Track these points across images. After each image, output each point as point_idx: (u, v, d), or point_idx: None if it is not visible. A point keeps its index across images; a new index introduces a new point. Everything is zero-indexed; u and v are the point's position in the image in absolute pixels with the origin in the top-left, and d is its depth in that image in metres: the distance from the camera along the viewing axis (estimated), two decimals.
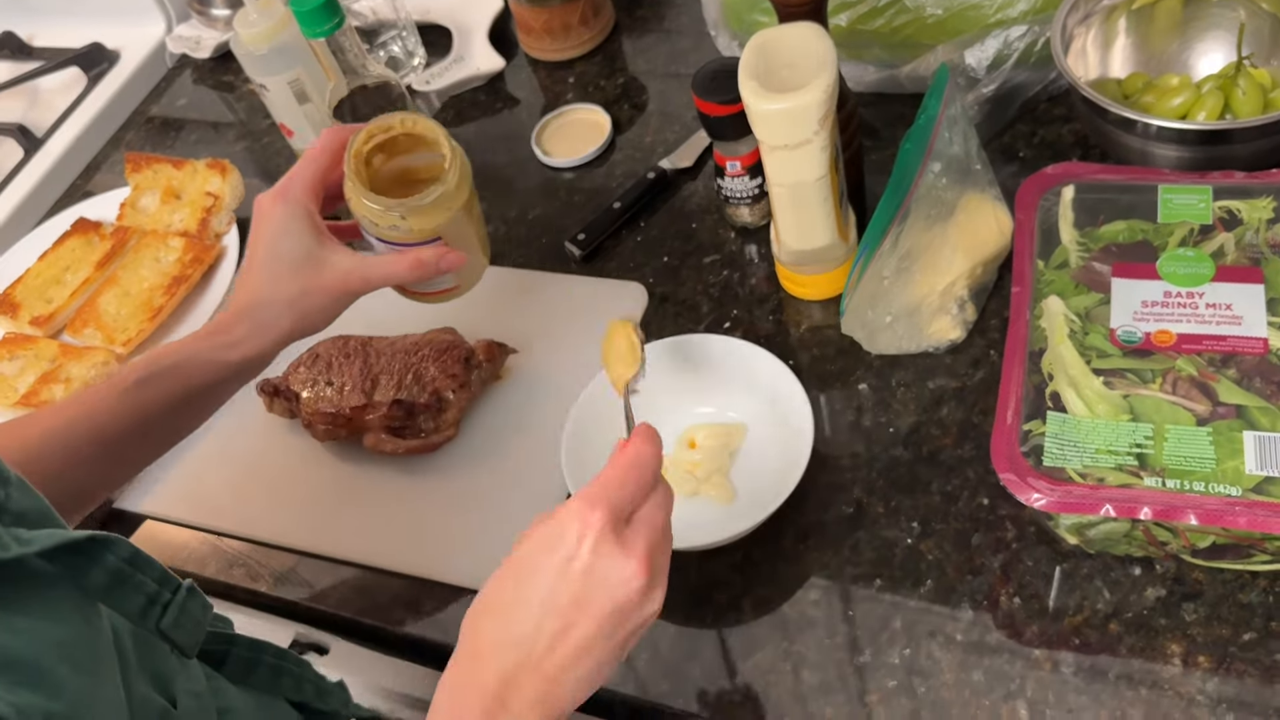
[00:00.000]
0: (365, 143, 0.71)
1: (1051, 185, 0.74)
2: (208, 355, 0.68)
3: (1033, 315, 0.68)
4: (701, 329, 0.86)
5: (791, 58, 0.71)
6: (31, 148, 1.20)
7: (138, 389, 0.67)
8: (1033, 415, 0.64)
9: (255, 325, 0.68)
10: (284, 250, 0.68)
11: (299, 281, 0.68)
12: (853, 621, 0.68)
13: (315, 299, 0.69)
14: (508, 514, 0.78)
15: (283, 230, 0.68)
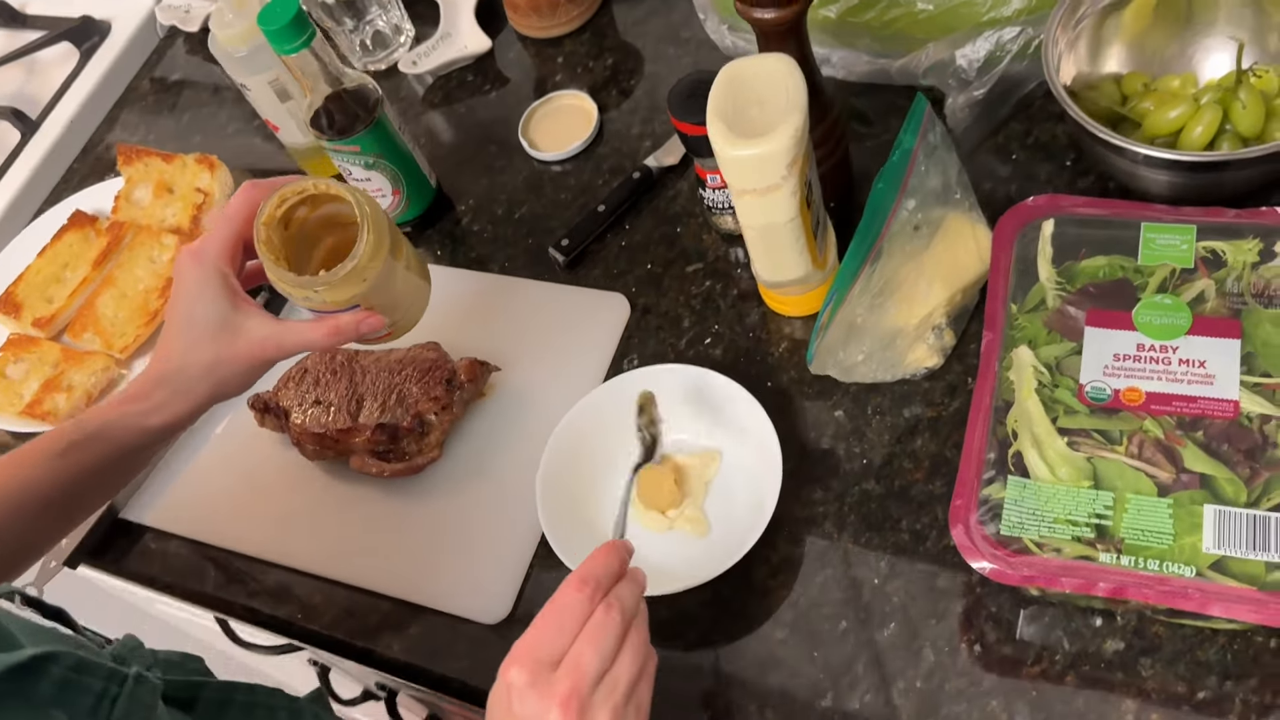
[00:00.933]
0: (278, 207, 0.68)
1: (1031, 219, 0.72)
2: (129, 421, 0.69)
3: (1001, 366, 0.67)
4: (682, 344, 0.86)
5: (762, 93, 0.69)
6: (28, 131, 1.20)
7: (65, 455, 0.68)
8: (995, 476, 0.63)
9: (172, 392, 0.69)
10: (198, 316, 0.67)
11: (214, 349, 0.68)
12: (817, 663, 0.70)
13: (230, 367, 0.69)
14: (492, 537, 0.80)
15: (197, 295, 0.67)
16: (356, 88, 0.89)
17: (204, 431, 0.92)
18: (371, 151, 0.90)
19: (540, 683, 0.53)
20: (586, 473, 0.78)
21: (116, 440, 0.69)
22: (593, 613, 0.56)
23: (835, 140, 0.84)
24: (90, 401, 0.96)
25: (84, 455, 0.69)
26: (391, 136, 0.91)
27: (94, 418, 0.69)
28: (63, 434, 0.69)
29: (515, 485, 0.82)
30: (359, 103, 0.89)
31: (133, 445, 0.69)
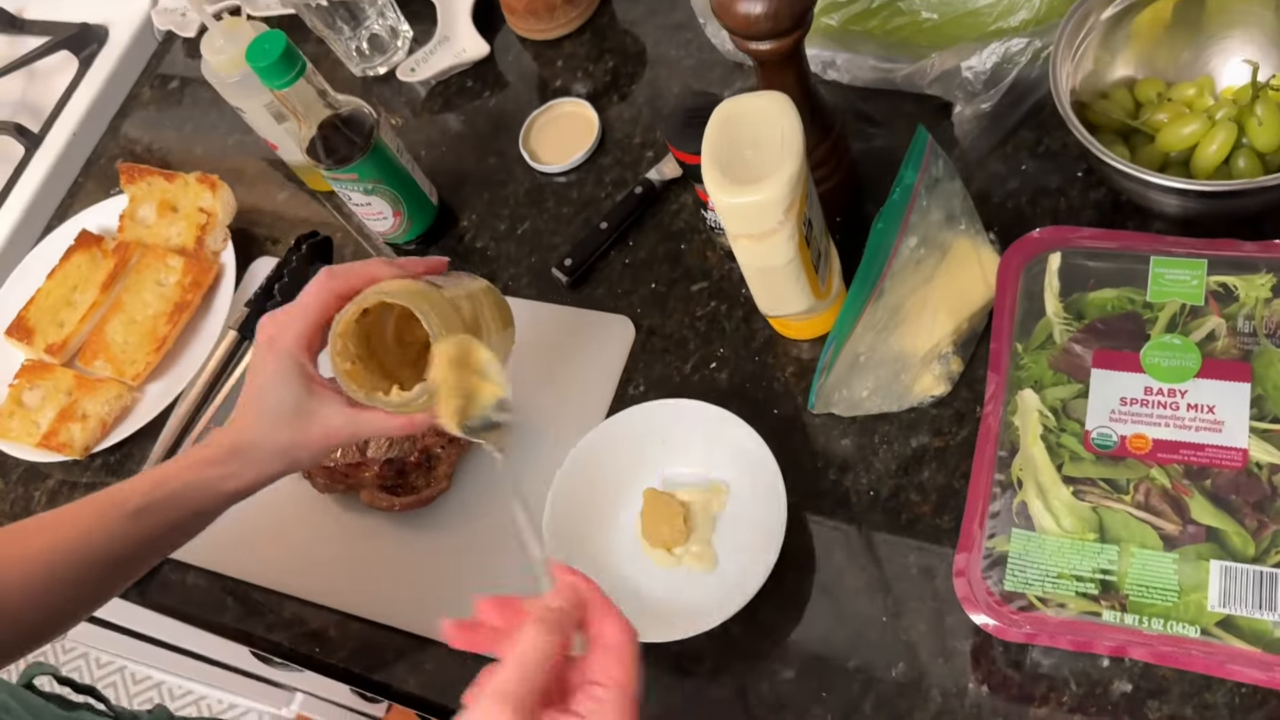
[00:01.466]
0: (347, 326, 0.66)
1: (1037, 252, 0.70)
2: (205, 486, 0.69)
3: (1006, 411, 0.66)
4: (688, 368, 0.85)
5: (756, 135, 0.67)
6: (31, 145, 1.19)
7: (137, 517, 0.69)
8: (999, 528, 0.63)
9: (246, 463, 0.69)
10: (272, 403, 0.68)
11: (289, 434, 0.68)
12: (826, 703, 0.70)
13: (304, 450, 0.69)
14: (503, 568, 0.81)
15: (272, 382, 0.67)
16: (351, 113, 0.88)
17: None
18: (370, 177, 0.89)
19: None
20: (594, 508, 0.78)
21: (189, 504, 0.70)
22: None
23: (838, 158, 0.82)
24: (105, 430, 0.97)
25: (156, 517, 0.69)
26: (390, 160, 0.90)
27: (165, 480, 0.69)
28: (135, 492, 0.69)
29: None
30: (355, 129, 0.88)
31: (205, 508, 0.70)
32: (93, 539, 0.69)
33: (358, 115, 0.88)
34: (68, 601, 0.70)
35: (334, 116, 0.87)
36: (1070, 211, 0.81)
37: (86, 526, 0.69)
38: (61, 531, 0.70)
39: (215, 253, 1.04)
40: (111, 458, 0.98)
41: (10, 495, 1.00)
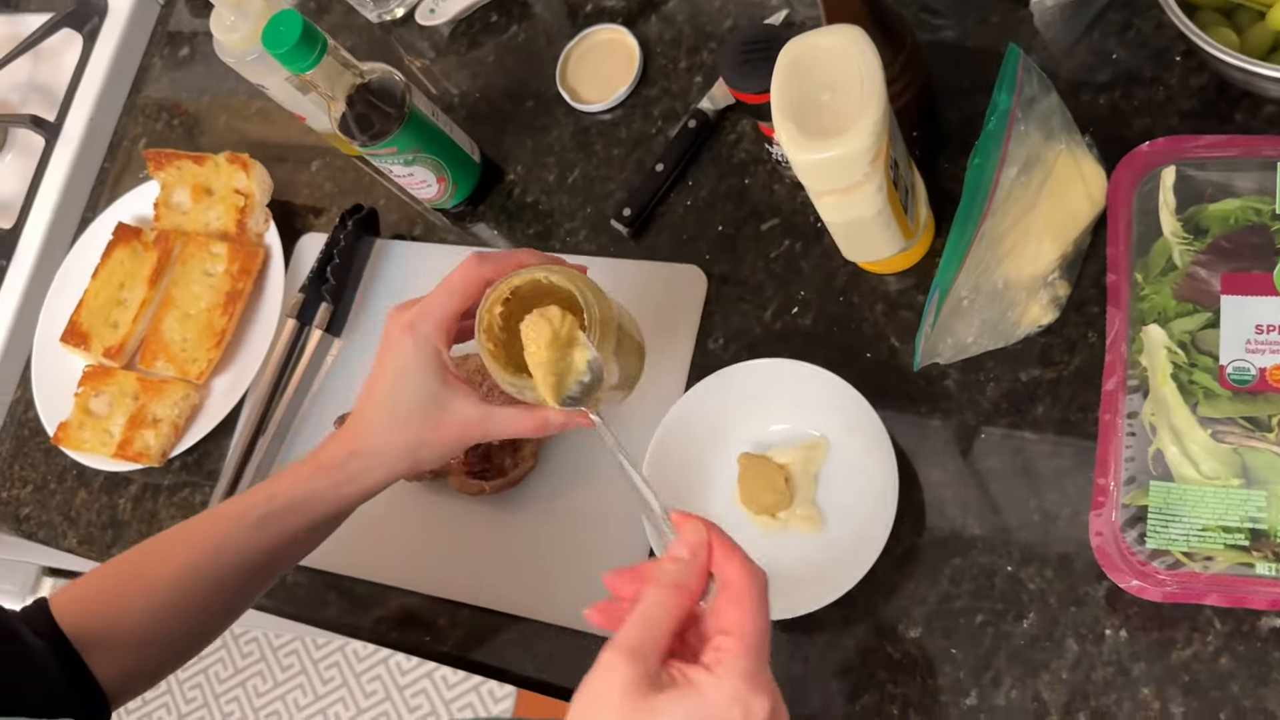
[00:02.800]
0: (496, 303, 0.65)
1: (1148, 169, 0.64)
2: (325, 494, 0.68)
3: (1131, 350, 0.61)
4: (768, 315, 0.81)
5: (831, 78, 0.61)
6: (50, 136, 1.15)
7: (259, 528, 0.69)
8: (1134, 482, 0.59)
9: (369, 465, 0.67)
10: (405, 395, 0.64)
11: (418, 431, 0.65)
12: (956, 660, 0.68)
13: (431, 449, 0.66)
14: (600, 543, 0.79)
15: (409, 370, 0.64)
16: (380, 81, 0.82)
17: (301, 454, 0.92)
18: (409, 148, 0.84)
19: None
20: (689, 482, 0.76)
21: (311, 511, 0.69)
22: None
23: (911, 73, 0.75)
24: (178, 433, 0.96)
25: (278, 527, 0.69)
26: (426, 126, 0.85)
27: (285, 490, 0.68)
28: (254, 506, 0.69)
29: (616, 484, 0.79)
30: (386, 99, 0.82)
31: (327, 515, 0.69)
32: (220, 556, 0.69)
33: (387, 83, 0.82)
34: (204, 617, 0.71)
35: (362, 87, 0.82)
36: (1169, 102, 0.74)
37: (210, 544, 0.70)
38: (188, 551, 0.70)
39: (259, 235, 1.00)
40: (190, 458, 0.97)
41: (95, 505, 1.00)
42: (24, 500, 1.03)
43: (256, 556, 0.69)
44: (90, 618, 0.69)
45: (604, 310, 0.64)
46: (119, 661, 0.70)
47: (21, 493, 1.03)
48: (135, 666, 0.71)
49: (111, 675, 0.69)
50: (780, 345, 0.79)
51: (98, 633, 0.69)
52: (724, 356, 0.81)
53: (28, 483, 1.04)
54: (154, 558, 0.72)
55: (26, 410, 1.07)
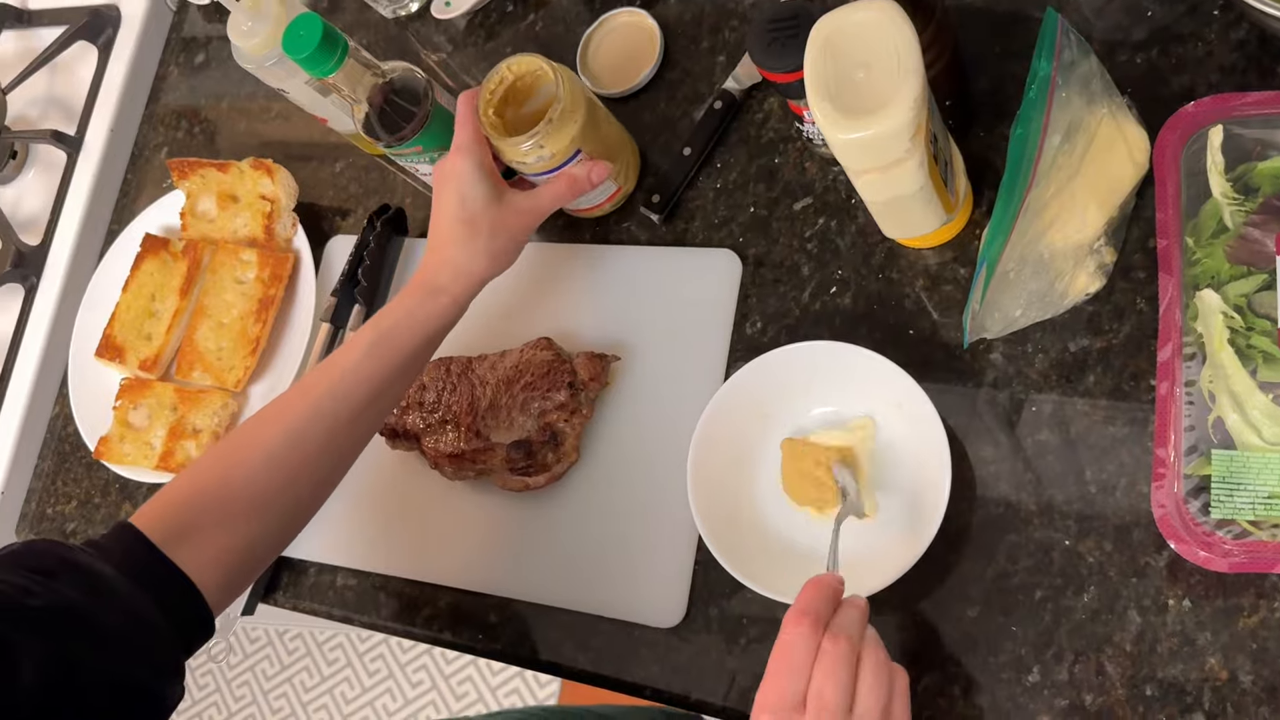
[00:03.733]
0: (488, 101, 0.79)
1: (1194, 130, 0.63)
2: (421, 308, 0.74)
3: (1186, 316, 0.60)
4: (806, 296, 0.80)
5: (866, 54, 0.60)
6: (72, 150, 1.15)
7: (371, 353, 0.72)
8: (1195, 449, 0.58)
9: (455, 271, 0.75)
10: (472, 198, 0.75)
11: (488, 223, 0.75)
12: (1016, 637, 0.68)
13: (502, 239, 0.76)
14: (648, 535, 0.79)
15: (470, 180, 0.75)
16: (402, 80, 0.82)
17: None
18: (435, 146, 0.83)
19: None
20: (735, 474, 0.75)
21: (415, 327, 0.74)
22: (820, 645, 0.56)
23: (943, 41, 0.74)
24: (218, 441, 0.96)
25: (387, 348, 0.73)
26: (450, 124, 0.83)
27: (388, 314, 0.74)
28: (362, 335, 0.74)
29: (662, 473, 0.79)
30: (408, 97, 0.81)
31: (429, 330, 0.75)
32: (335, 391, 0.72)
33: (409, 82, 0.82)
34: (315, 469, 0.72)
35: (384, 87, 0.81)
36: (1209, 58, 0.72)
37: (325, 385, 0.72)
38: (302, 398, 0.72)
39: (287, 239, 0.99)
40: None
41: None
42: (69, 515, 1.04)
43: (370, 383, 0.72)
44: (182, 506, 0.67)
45: (576, 92, 0.78)
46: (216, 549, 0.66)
47: (66, 508, 1.04)
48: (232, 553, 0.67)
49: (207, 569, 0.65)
50: (820, 326, 0.79)
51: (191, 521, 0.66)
52: (763, 340, 0.80)
53: (72, 498, 1.04)
54: (258, 425, 0.72)
55: (66, 425, 1.07)
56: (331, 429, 0.71)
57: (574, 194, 0.80)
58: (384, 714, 2.12)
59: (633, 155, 0.87)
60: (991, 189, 0.76)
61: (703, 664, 0.75)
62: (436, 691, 2.10)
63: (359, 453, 0.76)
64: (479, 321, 0.89)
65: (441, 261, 0.76)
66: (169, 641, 0.63)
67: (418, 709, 2.10)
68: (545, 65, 0.79)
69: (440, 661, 2.11)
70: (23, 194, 1.19)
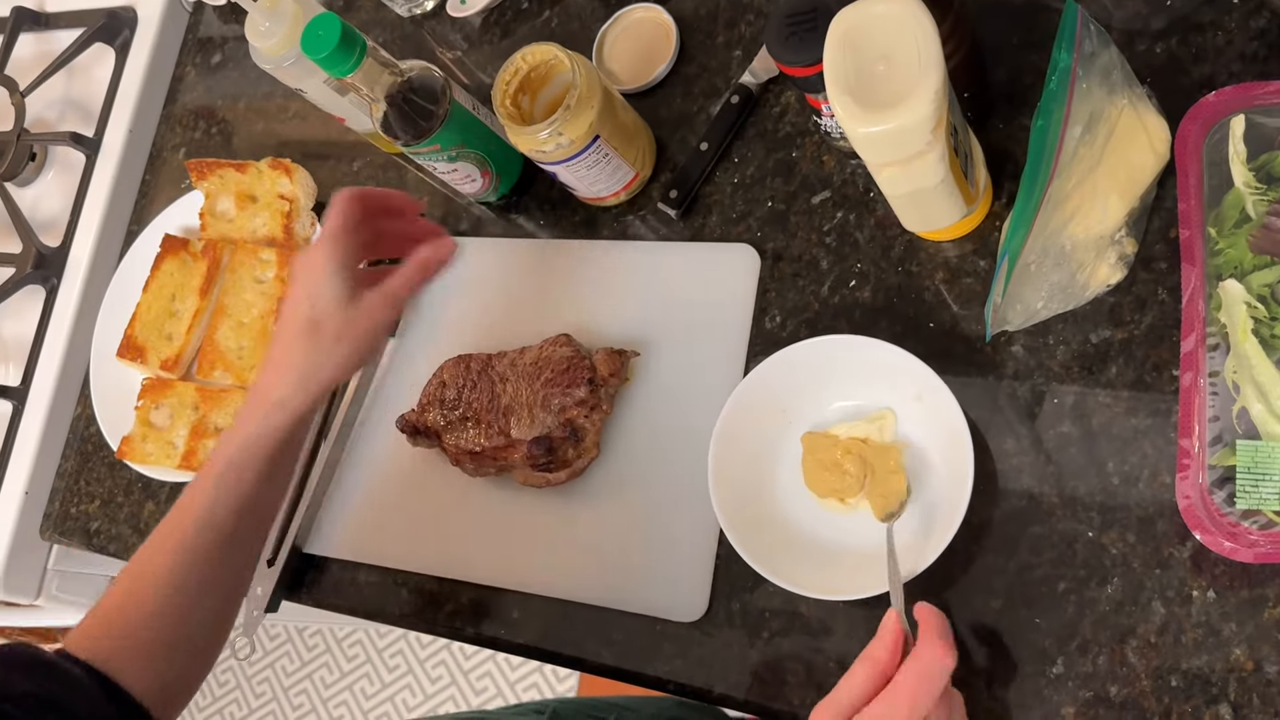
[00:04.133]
0: (505, 92, 0.81)
1: (1216, 119, 0.62)
2: (262, 429, 0.71)
3: (1209, 307, 0.60)
4: (825, 289, 0.80)
5: (885, 47, 0.60)
6: (90, 152, 1.15)
7: (220, 487, 0.71)
8: (1219, 439, 0.58)
9: (298, 382, 0.72)
10: (323, 299, 0.71)
11: (334, 329, 0.71)
12: (1040, 630, 0.68)
13: (347, 347, 0.72)
14: (669, 529, 0.79)
15: (323, 277, 0.71)
16: (420, 78, 0.82)
17: (364, 456, 0.92)
18: (453, 144, 0.83)
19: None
20: (756, 470, 0.75)
21: (255, 455, 0.72)
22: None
23: (961, 32, 0.73)
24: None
25: (234, 479, 0.71)
26: (468, 121, 0.84)
27: (230, 443, 0.72)
28: (210, 469, 0.72)
29: (683, 468, 0.79)
30: (426, 96, 0.82)
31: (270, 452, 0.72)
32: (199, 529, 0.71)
33: (427, 81, 0.82)
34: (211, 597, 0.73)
35: (403, 86, 0.81)
36: (1229, 46, 0.72)
37: (190, 521, 0.72)
38: (172, 535, 0.72)
39: (306, 239, 1.00)
40: None
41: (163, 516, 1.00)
42: (93, 515, 1.04)
43: (227, 517, 0.72)
44: (106, 639, 0.70)
45: (592, 79, 0.79)
46: (149, 672, 0.70)
47: (90, 508, 1.05)
48: (166, 672, 0.71)
49: (146, 689, 0.69)
50: (839, 319, 0.79)
51: (118, 650, 0.69)
52: (782, 334, 0.80)
53: (95, 497, 1.05)
54: (146, 558, 0.73)
55: (88, 426, 1.08)
56: (207, 559, 0.72)
57: (425, 275, 0.75)
58: (404, 709, 2.13)
59: (649, 142, 0.87)
60: (1011, 180, 0.76)
61: (725, 658, 0.75)
62: (456, 687, 2.10)
63: (261, 541, 0.78)
64: (498, 318, 0.90)
65: (284, 370, 0.72)
66: None
67: (438, 704, 2.11)
68: (560, 53, 0.80)
69: (459, 656, 2.12)
70: (42, 196, 1.20)
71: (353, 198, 0.74)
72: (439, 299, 0.93)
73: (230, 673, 2.30)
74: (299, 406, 0.72)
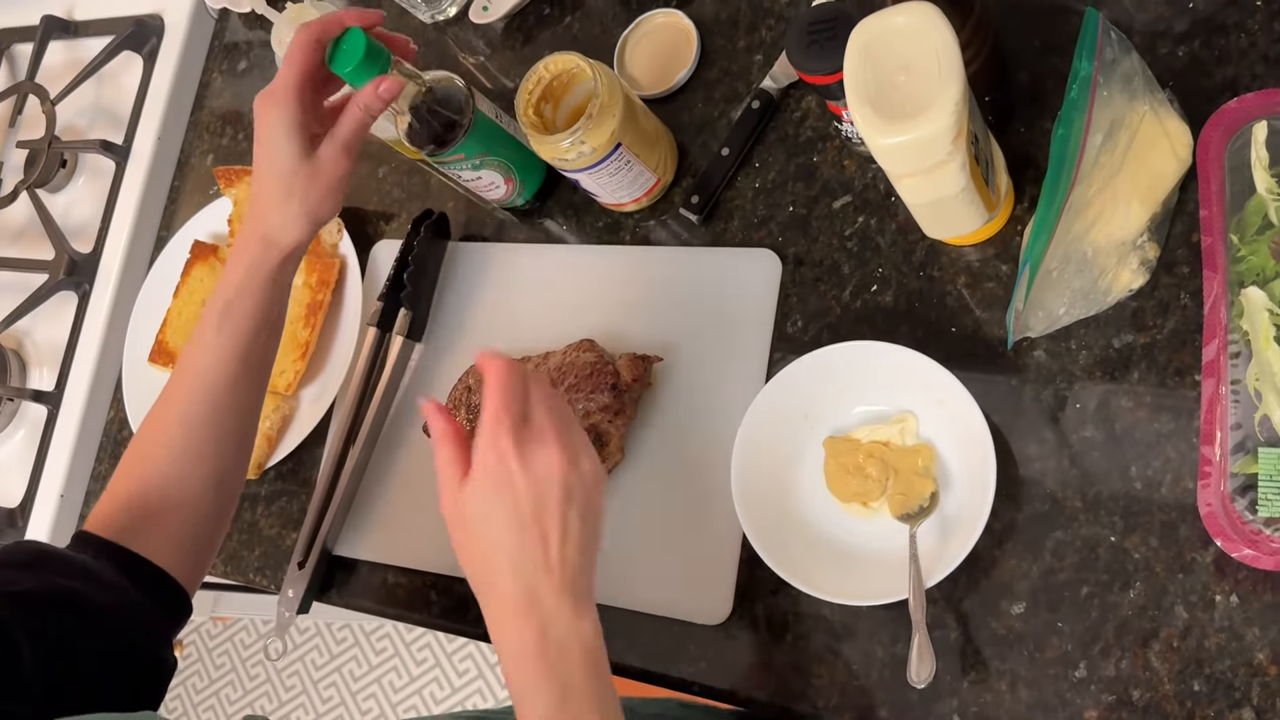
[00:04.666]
0: (528, 101, 0.82)
1: (1238, 125, 0.62)
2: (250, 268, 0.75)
3: (1231, 314, 0.60)
4: (846, 294, 0.80)
5: (905, 58, 0.60)
6: (120, 159, 1.17)
7: (221, 330, 0.75)
8: (1241, 447, 0.58)
9: (278, 226, 0.75)
10: (281, 158, 0.73)
11: (301, 184, 0.73)
12: (1062, 633, 0.68)
13: (315, 197, 0.74)
14: (694, 533, 0.80)
15: (278, 138, 0.73)
16: (444, 89, 0.83)
17: (392, 460, 0.93)
18: (476, 153, 0.84)
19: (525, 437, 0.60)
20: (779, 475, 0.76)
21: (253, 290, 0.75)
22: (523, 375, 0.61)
23: (982, 36, 0.73)
24: (271, 445, 0.98)
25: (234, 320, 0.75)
26: (492, 129, 0.85)
27: (222, 288, 0.76)
28: (209, 315, 0.76)
29: (706, 472, 0.80)
30: (450, 106, 0.83)
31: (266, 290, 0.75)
32: (203, 377, 0.75)
33: (451, 91, 0.83)
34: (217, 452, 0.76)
35: (427, 96, 0.82)
36: (1252, 49, 0.71)
37: (190, 375, 0.76)
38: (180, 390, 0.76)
39: (333, 245, 1.01)
40: (285, 467, 0.99)
41: None
42: None
43: (230, 361, 0.75)
44: (123, 512, 0.73)
45: (613, 87, 0.80)
46: (167, 538, 0.73)
47: None
48: (183, 535, 0.74)
49: (168, 556, 0.73)
50: (861, 324, 0.79)
51: (134, 521, 0.73)
52: (804, 339, 0.81)
53: None
54: (156, 419, 0.76)
55: (121, 430, 1.10)
56: (215, 402, 0.75)
57: (371, 116, 0.75)
58: (431, 703, 2.15)
59: (670, 147, 0.88)
60: (1033, 184, 0.76)
61: (749, 660, 0.76)
62: (483, 679, 2.13)
63: (260, 395, 0.80)
64: (522, 323, 0.91)
65: (266, 215, 0.75)
66: (153, 614, 0.70)
67: (465, 697, 2.13)
68: (581, 62, 0.81)
69: (486, 651, 2.14)
70: (73, 202, 1.22)
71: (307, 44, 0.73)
72: (461, 304, 0.94)
73: (260, 667, 2.33)
74: (285, 243, 0.75)
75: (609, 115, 0.79)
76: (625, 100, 0.81)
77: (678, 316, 0.85)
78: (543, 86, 0.83)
